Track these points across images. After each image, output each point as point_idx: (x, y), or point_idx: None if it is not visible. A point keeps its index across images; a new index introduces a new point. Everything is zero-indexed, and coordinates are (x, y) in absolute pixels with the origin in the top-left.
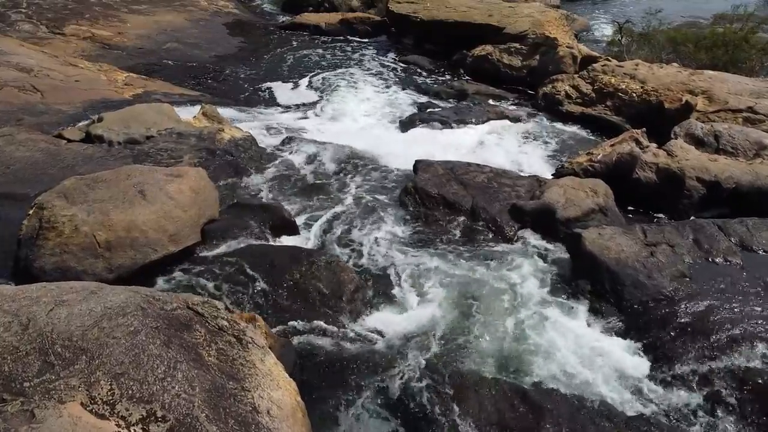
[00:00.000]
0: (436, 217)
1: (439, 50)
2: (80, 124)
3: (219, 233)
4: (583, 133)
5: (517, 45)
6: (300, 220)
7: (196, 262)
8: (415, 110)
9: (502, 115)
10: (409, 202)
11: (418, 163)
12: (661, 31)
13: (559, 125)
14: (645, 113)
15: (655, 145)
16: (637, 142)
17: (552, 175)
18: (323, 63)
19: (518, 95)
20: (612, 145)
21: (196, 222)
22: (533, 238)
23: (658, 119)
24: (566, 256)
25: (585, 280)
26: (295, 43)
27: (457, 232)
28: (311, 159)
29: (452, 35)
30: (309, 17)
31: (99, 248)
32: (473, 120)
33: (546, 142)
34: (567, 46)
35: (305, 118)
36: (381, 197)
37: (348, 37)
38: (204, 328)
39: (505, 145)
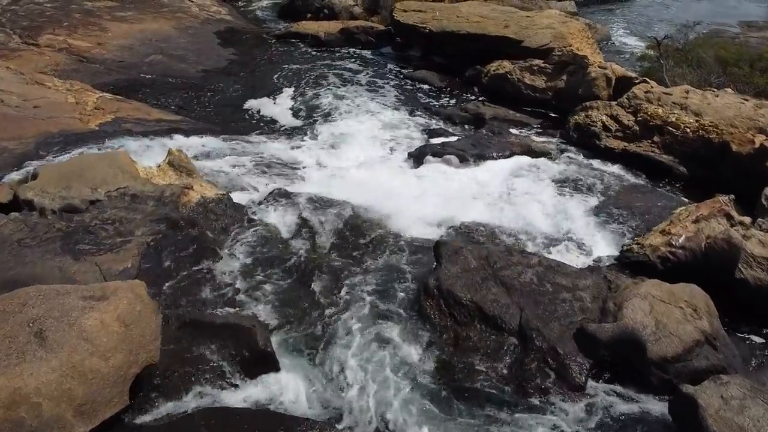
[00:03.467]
0: (470, 340)
1: (450, 64)
2: (13, 176)
3: (158, 386)
4: (629, 176)
5: (540, 63)
6: (280, 344)
7: None
8: (424, 137)
9: (528, 149)
10: (432, 312)
11: (441, 248)
12: (701, 46)
13: (597, 164)
14: (703, 154)
15: (749, 219)
16: (728, 217)
17: (615, 259)
18: (322, 79)
19: (543, 120)
20: (695, 221)
21: (123, 375)
22: (613, 388)
23: (721, 163)
24: (667, 420)
25: None
26: (291, 55)
27: (502, 369)
28: (301, 227)
29: (464, 48)
30: (307, 26)
31: None
32: (494, 155)
33: (588, 190)
34: (599, 66)
35: (299, 147)
36: (392, 297)
37: (349, 48)
38: None
39: (538, 193)
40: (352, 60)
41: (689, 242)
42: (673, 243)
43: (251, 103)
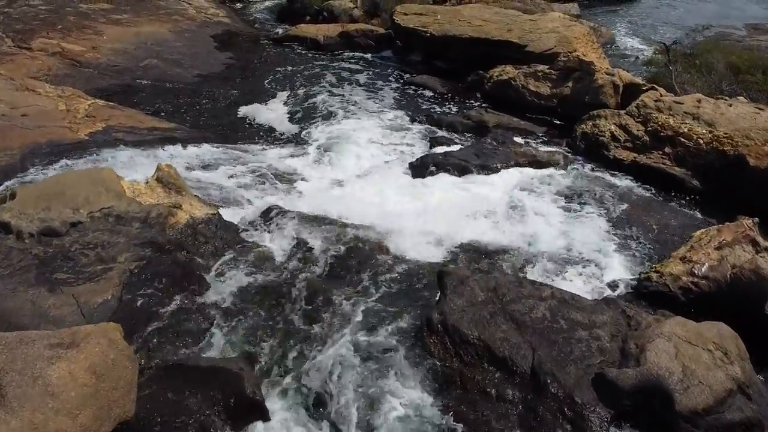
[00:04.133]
0: (477, 384)
1: (452, 69)
2: None
3: None
4: (640, 189)
5: (544, 69)
6: (270, 388)
7: None
8: (426, 146)
9: (533, 159)
10: (436, 350)
11: (445, 278)
12: (711, 51)
13: (607, 177)
14: (717, 166)
15: None
16: (753, 243)
17: (632, 288)
18: (320, 84)
19: (548, 128)
20: (719, 248)
21: None
22: None
23: (738, 177)
24: None
25: None
26: (289, 59)
27: (513, 418)
28: (296, 249)
29: (466, 53)
30: (306, 29)
31: None
32: (498, 165)
33: (597, 205)
34: (606, 73)
35: (296, 157)
36: (393, 332)
37: (348, 52)
38: None
39: (546, 209)
40: (352, 64)
41: (713, 272)
42: (696, 272)
43: (247, 110)
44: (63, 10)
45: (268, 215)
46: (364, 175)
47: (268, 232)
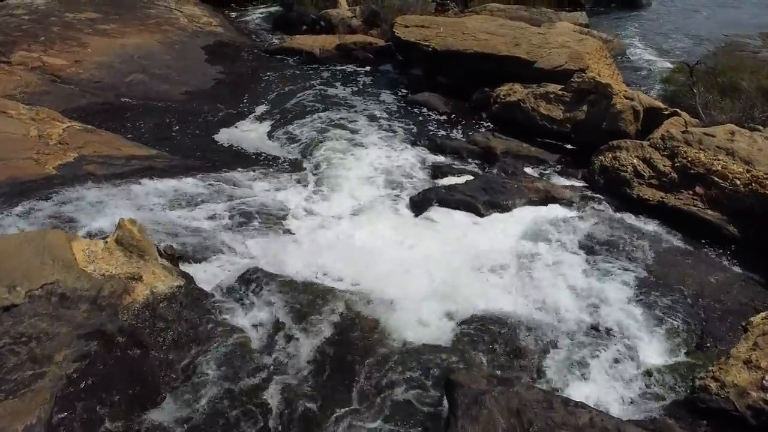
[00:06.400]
0: None
1: (455, 85)
2: None
3: None
4: (669, 236)
5: (556, 90)
6: None
7: None
8: (428, 175)
9: (547, 196)
10: None
11: (456, 392)
12: (736, 69)
13: (630, 220)
14: (759, 212)
15: None
16: None
17: (686, 399)
18: (315, 104)
19: (561, 156)
20: None
21: None
22: None
23: None
24: None
25: None
26: (283, 74)
27: None
28: (276, 333)
29: (471, 68)
30: (302, 41)
31: None
32: (509, 203)
33: (623, 258)
34: (625, 96)
35: (286, 189)
36: None
37: (346, 66)
38: None
39: (564, 265)
40: (349, 80)
41: None
42: (767, 385)
43: (235, 133)
44: (47, 20)
45: (247, 279)
46: (361, 212)
47: (246, 305)
